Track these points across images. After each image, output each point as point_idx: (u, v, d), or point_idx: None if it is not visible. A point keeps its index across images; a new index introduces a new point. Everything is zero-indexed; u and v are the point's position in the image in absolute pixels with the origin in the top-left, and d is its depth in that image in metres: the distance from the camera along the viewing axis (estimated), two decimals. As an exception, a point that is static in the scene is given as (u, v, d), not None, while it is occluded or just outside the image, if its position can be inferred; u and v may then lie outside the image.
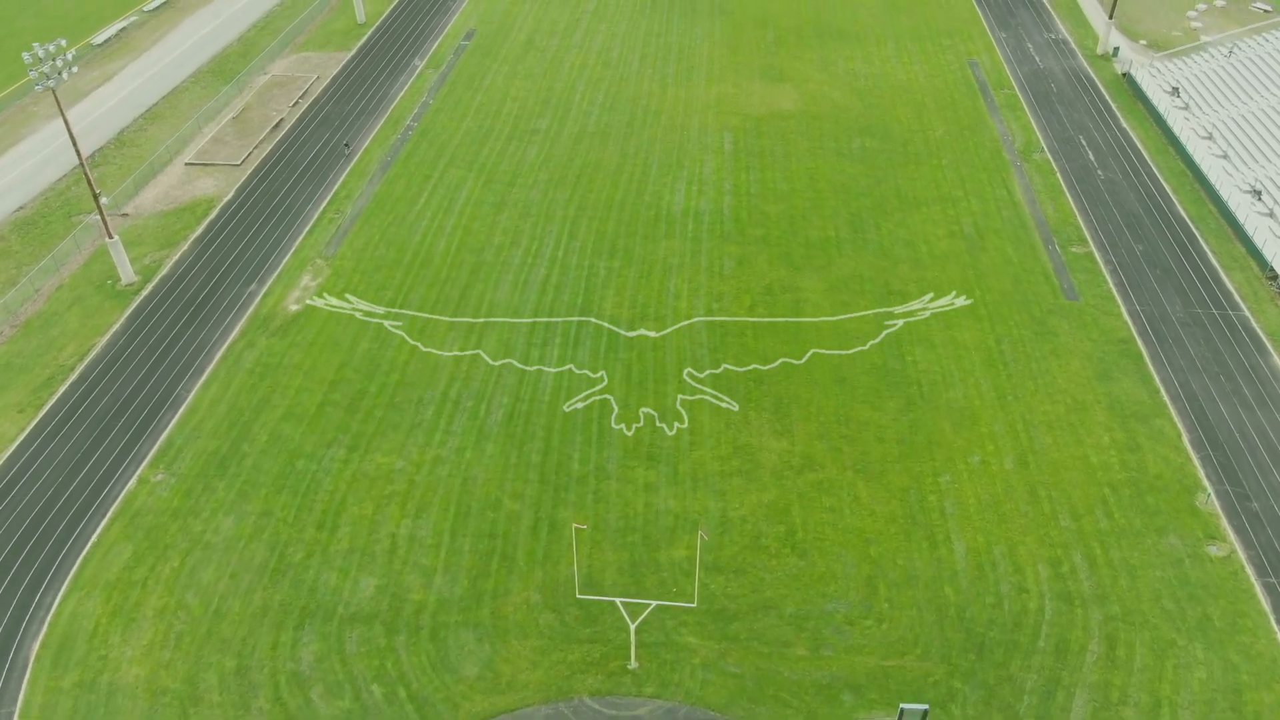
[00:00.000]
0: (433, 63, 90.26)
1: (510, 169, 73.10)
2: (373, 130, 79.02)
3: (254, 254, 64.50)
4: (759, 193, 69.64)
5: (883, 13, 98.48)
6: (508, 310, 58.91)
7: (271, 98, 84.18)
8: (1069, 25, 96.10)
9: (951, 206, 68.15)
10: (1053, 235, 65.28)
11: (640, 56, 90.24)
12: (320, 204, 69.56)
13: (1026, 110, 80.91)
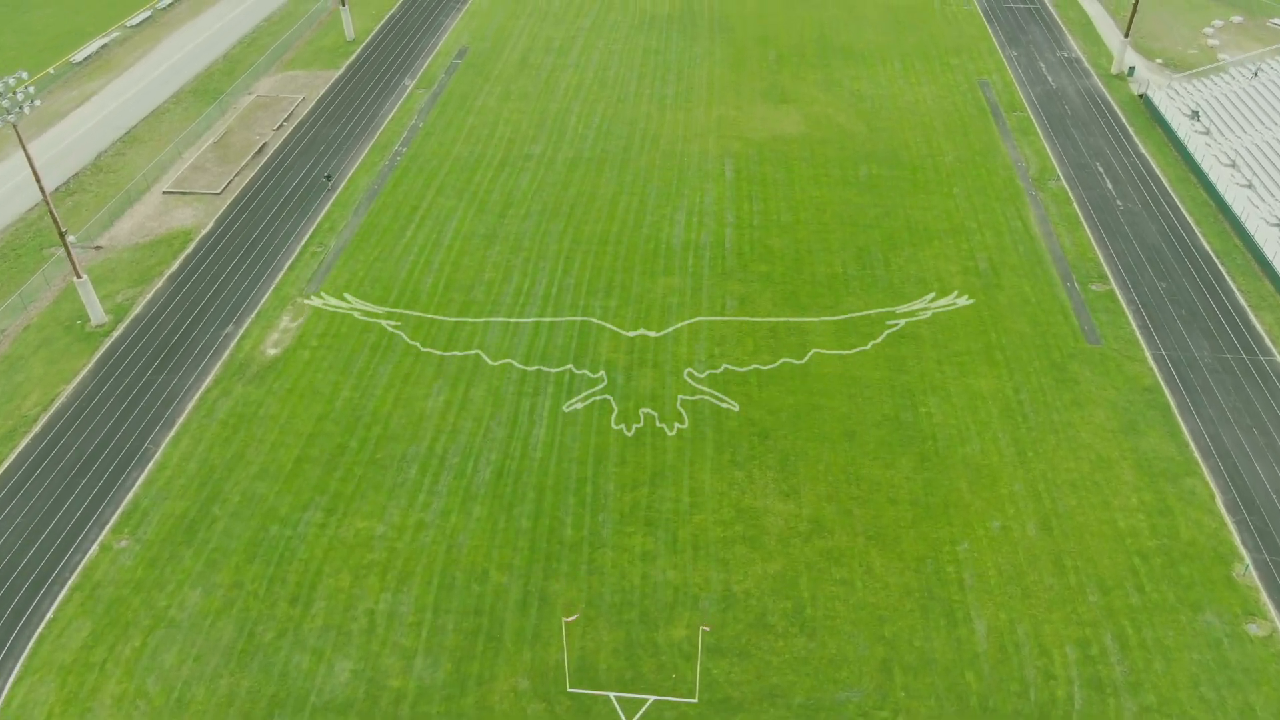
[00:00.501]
0: (424, 82, 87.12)
1: (502, 198, 69.95)
2: (360, 155, 75.86)
3: (231, 292, 61.33)
4: (762, 224, 66.49)
5: (888, 30, 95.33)
6: (497, 353, 55.77)
7: (255, 120, 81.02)
8: (1082, 43, 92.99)
9: (964, 239, 65.01)
10: (1071, 271, 62.15)
11: (638, 76, 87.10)
12: (303, 237, 66.40)
13: (1040, 134, 77.79)
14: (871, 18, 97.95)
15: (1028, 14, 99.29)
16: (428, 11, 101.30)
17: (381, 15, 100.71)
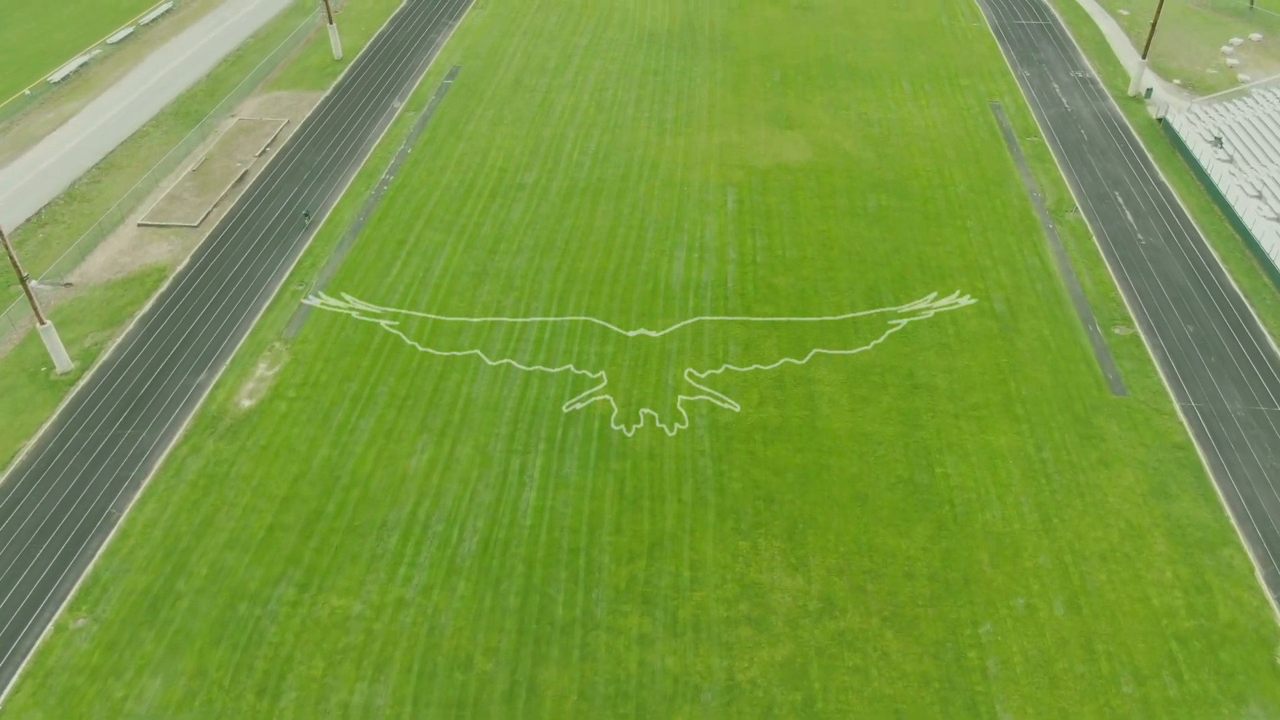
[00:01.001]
0: (413, 104, 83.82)
1: (493, 231, 66.65)
2: (345, 184, 72.56)
3: (206, 336, 58.03)
4: (766, 261, 63.20)
5: (896, 49, 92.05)
6: (486, 406, 52.50)
7: (237, 146, 77.70)
8: (1096, 62, 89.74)
9: (979, 278, 61.73)
10: (1092, 313, 58.88)
11: (636, 98, 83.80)
12: (283, 274, 63.11)
13: (1055, 161, 74.53)
14: (878, 36, 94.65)
15: (1039, 32, 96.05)
16: (419, 29, 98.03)
17: (371, 32, 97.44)
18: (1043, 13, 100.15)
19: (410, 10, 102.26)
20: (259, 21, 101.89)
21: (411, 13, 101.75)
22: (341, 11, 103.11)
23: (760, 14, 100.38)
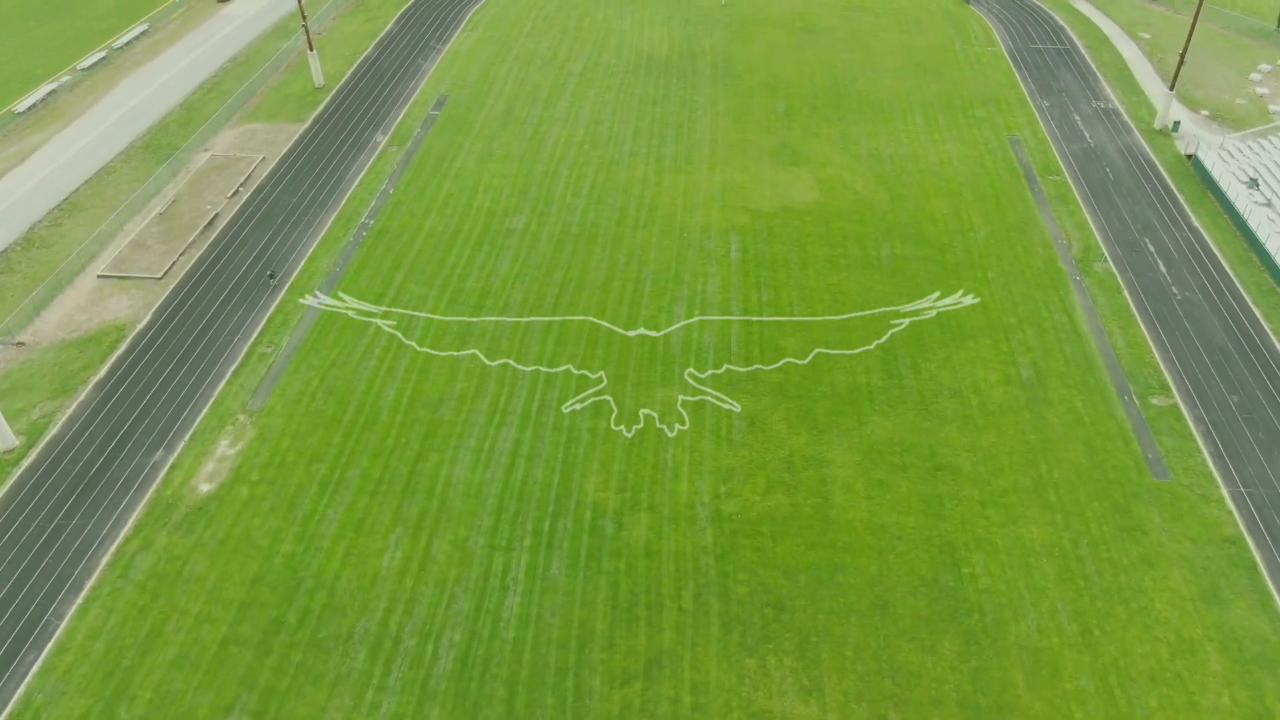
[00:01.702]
0: (397, 138, 79.15)
1: (479, 285, 61.99)
2: (321, 229, 67.90)
3: (165, 407, 53.39)
4: (771, 320, 58.54)
5: (908, 77, 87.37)
6: (467, 492, 47.88)
7: (208, 185, 73.03)
8: (1119, 91, 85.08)
9: (1004, 339, 57.10)
10: (1127, 381, 54.27)
11: (633, 131, 79.13)
12: (251, 333, 58.47)
13: (1080, 202, 69.89)
14: (888, 63, 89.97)
15: (1058, 57, 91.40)
16: (405, 53, 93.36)
17: (355, 57, 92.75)
18: (1060, 36, 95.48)
19: (396, 33, 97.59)
20: (238, 44, 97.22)
21: (398, 36, 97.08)
22: (325, 34, 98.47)
23: (764, 37, 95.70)
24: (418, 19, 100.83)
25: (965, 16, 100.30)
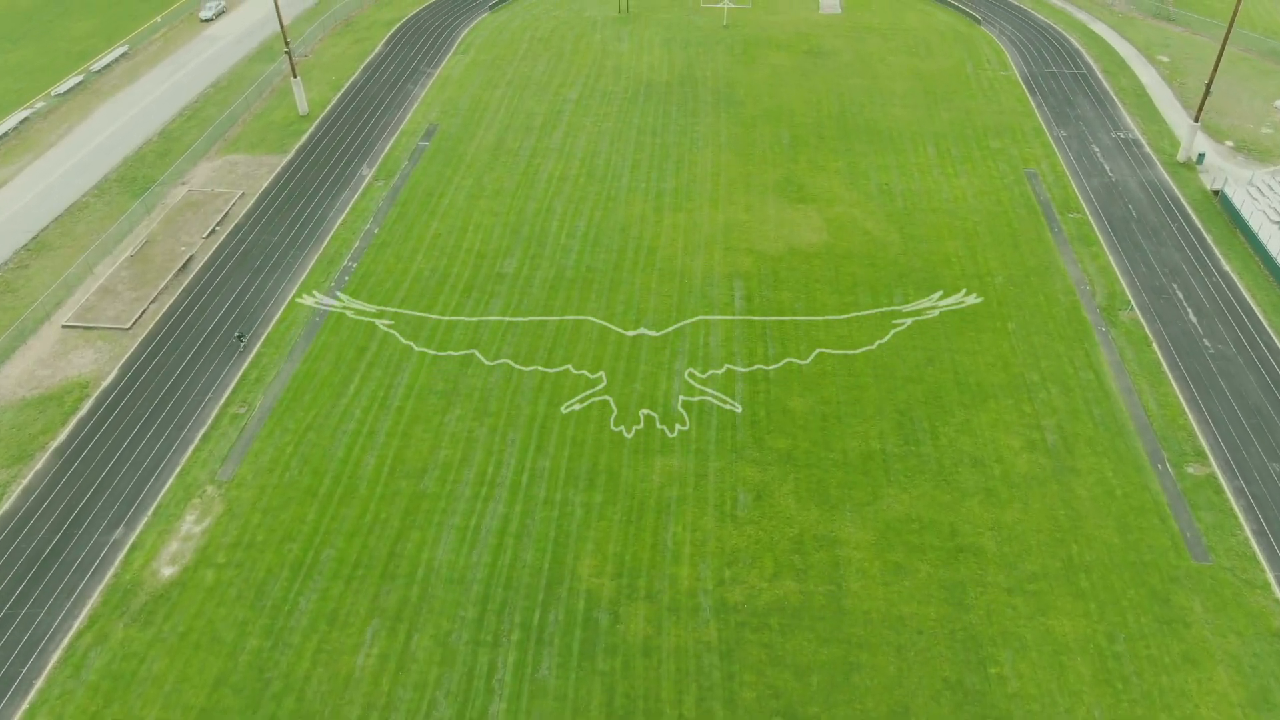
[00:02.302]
0: (384, 171, 75.46)
1: (466, 335, 58.33)
2: (302, 273, 64.22)
3: (127, 476, 49.73)
4: (780, 378, 54.90)
5: (918, 105, 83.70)
6: (450, 577, 44.20)
7: (183, 223, 69.35)
8: (1139, 120, 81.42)
9: (1027, 399, 53.44)
10: (1161, 447, 50.62)
11: (631, 164, 75.45)
12: (223, 392, 54.82)
13: (1103, 242, 66.22)
14: (898, 89, 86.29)
15: (1074, 82, 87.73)
16: (394, 78, 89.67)
17: (342, 82, 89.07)
18: (1076, 60, 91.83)
19: (385, 56, 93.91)
20: (221, 67, 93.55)
21: (387, 59, 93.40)
22: (311, 56, 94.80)
23: (767, 61, 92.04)
24: (408, 40, 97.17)
25: (976, 38, 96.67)
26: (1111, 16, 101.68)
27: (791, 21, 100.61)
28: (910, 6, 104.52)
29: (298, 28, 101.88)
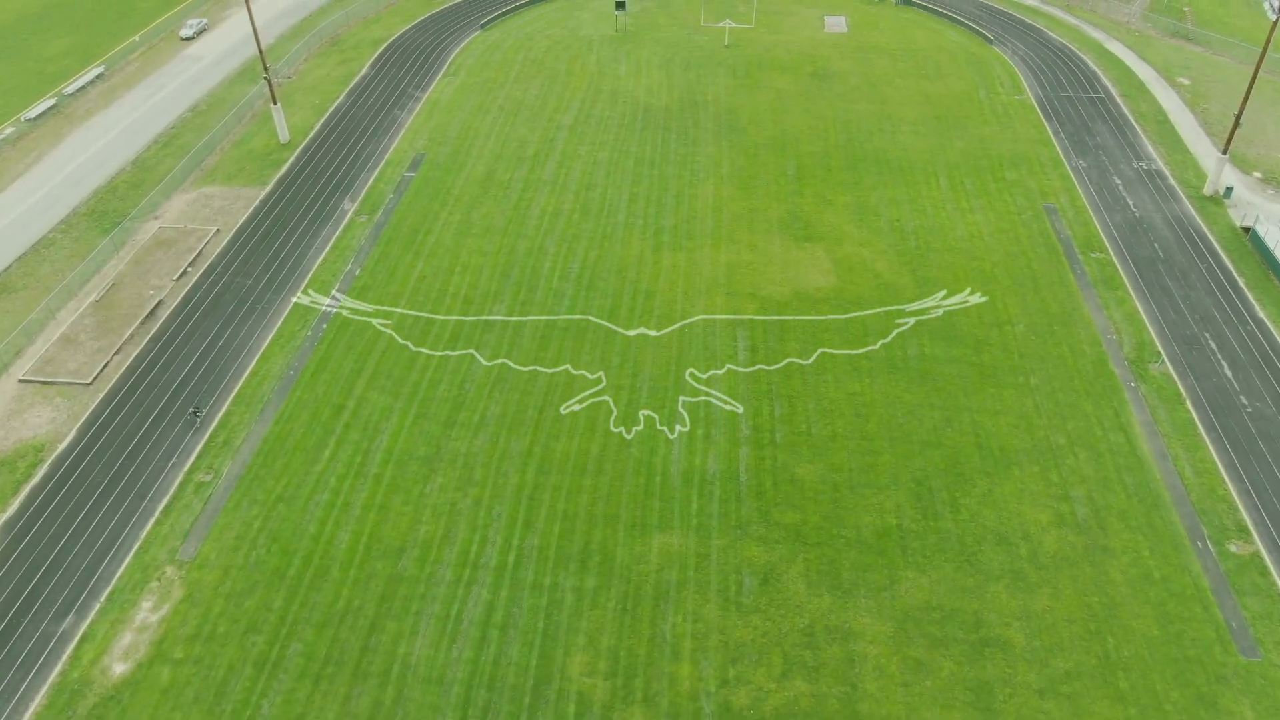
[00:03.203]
0: (367, 205, 71.58)
1: (451, 393, 54.46)
2: (277, 320, 60.35)
3: (81, 554, 45.87)
4: (787, 441, 51.06)
5: (929, 131, 79.86)
6: (428, 677, 40.34)
7: (153, 264, 65.46)
8: (1161, 148, 77.59)
9: (1053, 466, 49.61)
10: (1199, 521, 46.81)
11: (628, 198, 71.57)
12: (187, 456, 50.95)
13: (1128, 285, 62.42)
14: (907, 115, 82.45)
15: (1091, 107, 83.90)
16: (380, 102, 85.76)
17: (326, 106, 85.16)
18: (1093, 83, 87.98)
19: (372, 79, 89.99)
20: (200, 90, 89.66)
21: (373, 82, 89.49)
22: (295, 78, 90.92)
23: (770, 84, 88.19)
24: (396, 61, 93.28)
25: (988, 59, 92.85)
26: (1128, 35, 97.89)
27: (796, 41, 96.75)
28: (919, 25, 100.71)
29: (282, 46, 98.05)
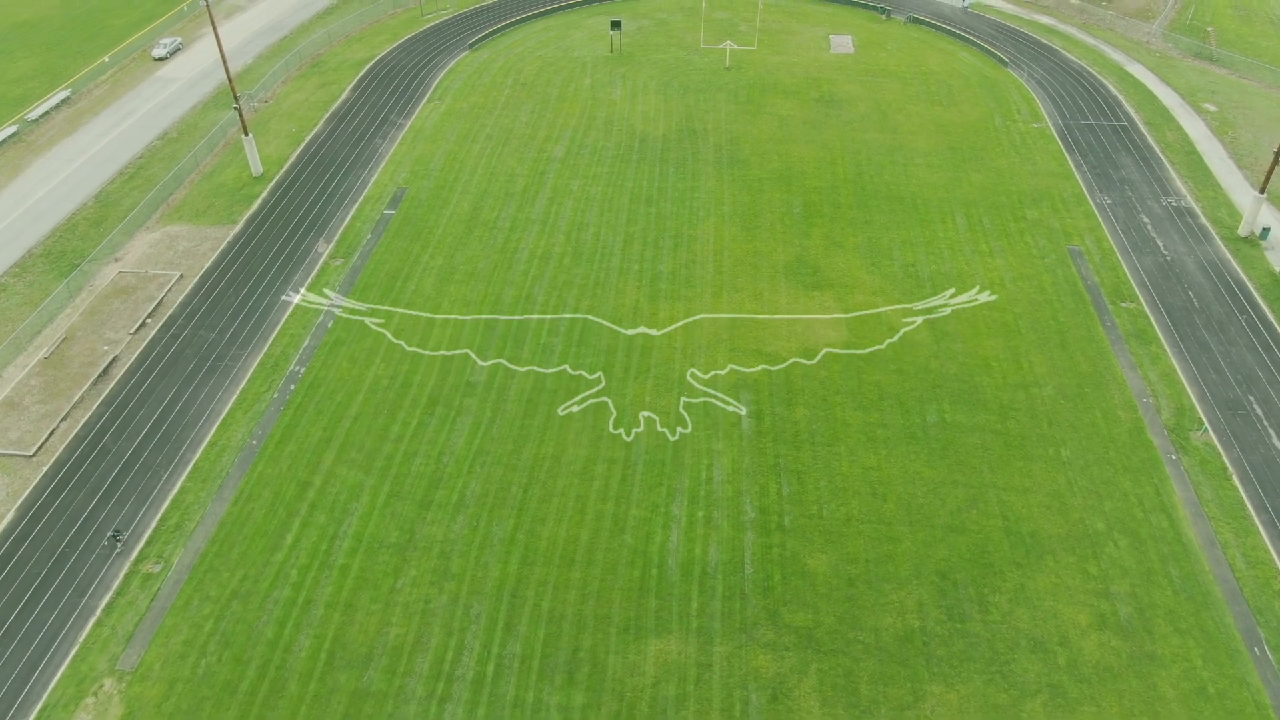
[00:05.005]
0: (343, 247, 66.77)
1: (428, 469, 49.70)
2: (241, 379, 55.59)
3: (11, 663, 41.05)
4: (795, 525, 46.36)
5: (943, 164, 75.14)
6: None
7: (110, 314, 60.67)
8: (1190, 182, 72.94)
9: (1091, 555, 44.92)
10: (1255, 622, 42.15)
11: (623, 239, 66.82)
12: (136, 541, 46.15)
13: (1163, 340, 57.77)
14: (919, 145, 77.73)
15: (1113, 135, 79.22)
16: (361, 130, 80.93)
17: (303, 135, 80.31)
18: (1115, 109, 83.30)
19: (352, 104, 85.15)
20: (172, 116, 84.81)
21: (354, 107, 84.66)
22: (272, 103, 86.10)
23: (774, 110, 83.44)
24: (379, 85, 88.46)
25: (1004, 83, 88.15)
26: (1149, 57, 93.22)
27: (800, 63, 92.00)
28: (929, 45, 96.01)
29: (260, 67, 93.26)
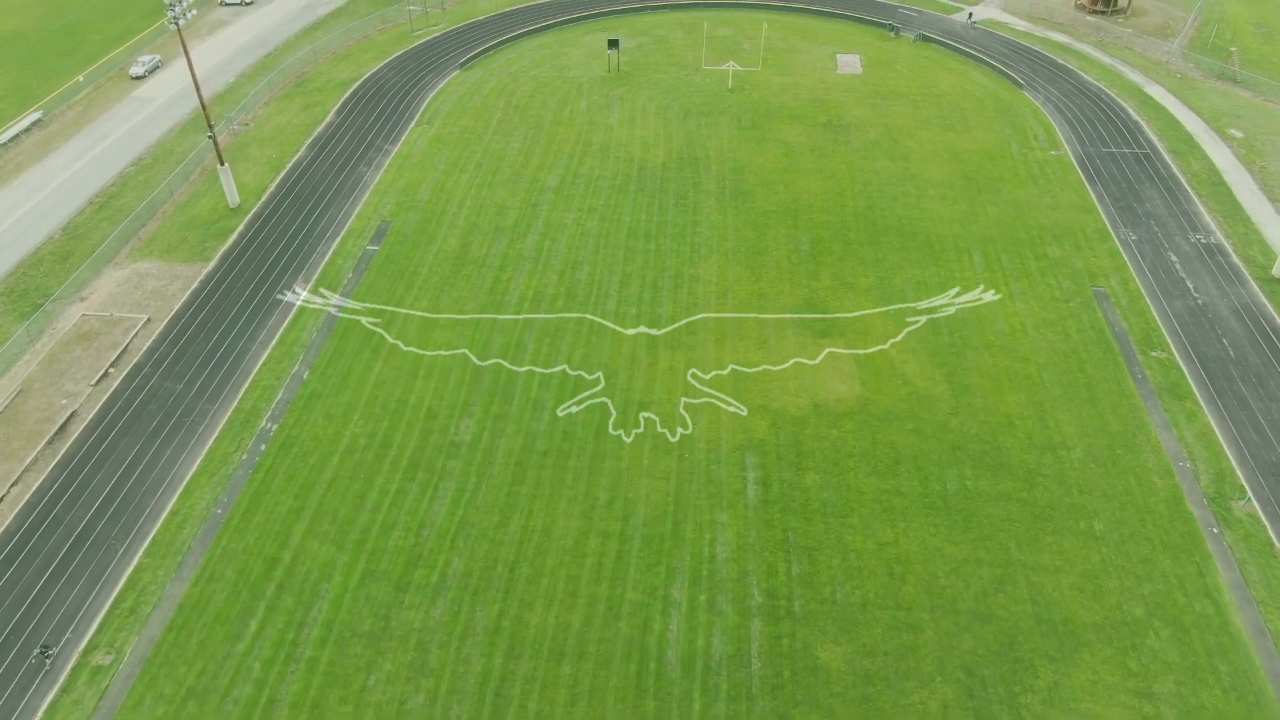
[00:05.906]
0: (322, 287, 62.81)
1: (407, 543, 45.75)
2: (209, 438, 51.64)
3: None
4: (806, 611, 42.43)
5: (958, 196, 71.26)
6: None
7: (71, 362, 56.74)
8: (1218, 216, 69.11)
9: (1131, 647, 41.03)
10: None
11: (620, 280, 62.89)
12: (87, 627, 42.17)
13: (1198, 395, 53.93)
14: (932, 175, 73.86)
15: (1136, 165, 75.39)
16: (345, 157, 76.98)
17: (283, 162, 76.31)
18: (1137, 136, 79.47)
19: (337, 128, 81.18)
20: (147, 139, 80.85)
21: (339, 131, 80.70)
22: (252, 126, 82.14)
23: (779, 136, 79.56)
24: (364, 106, 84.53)
25: (1019, 107, 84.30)
26: (1169, 78, 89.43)
27: (806, 84, 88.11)
28: (940, 65, 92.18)
29: (243, 86, 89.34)
